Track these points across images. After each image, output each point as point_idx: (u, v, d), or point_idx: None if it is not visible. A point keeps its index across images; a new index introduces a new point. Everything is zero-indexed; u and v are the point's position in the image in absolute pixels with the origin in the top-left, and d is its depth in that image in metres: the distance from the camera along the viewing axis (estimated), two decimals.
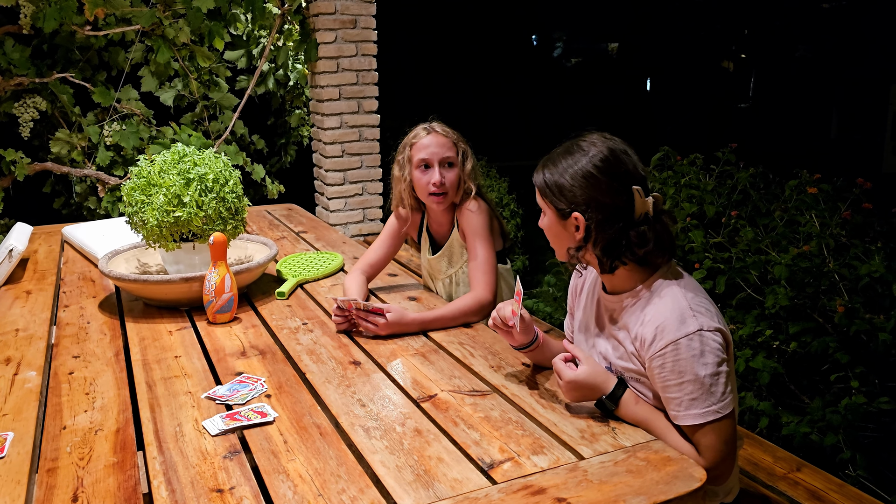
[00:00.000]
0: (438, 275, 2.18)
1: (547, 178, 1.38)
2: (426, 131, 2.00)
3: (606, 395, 1.34)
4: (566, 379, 1.34)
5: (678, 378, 1.27)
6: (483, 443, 1.27)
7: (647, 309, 1.33)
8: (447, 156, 1.97)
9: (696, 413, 1.26)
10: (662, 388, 1.30)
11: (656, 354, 1.28)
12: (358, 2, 3.92)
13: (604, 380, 1.35)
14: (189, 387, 1.52)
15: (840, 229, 2.44)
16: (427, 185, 1.98)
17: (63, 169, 3.71)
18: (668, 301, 1.31)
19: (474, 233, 1.98)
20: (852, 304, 2.13)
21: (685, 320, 1.27)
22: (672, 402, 1.29)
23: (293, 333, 1.82)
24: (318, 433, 1.31)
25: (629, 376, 1.38)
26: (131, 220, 2.00)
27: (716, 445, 1.28)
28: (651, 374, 1.31)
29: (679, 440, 1.31)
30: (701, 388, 1.26)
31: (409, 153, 2.01)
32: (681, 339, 1.26)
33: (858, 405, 2.08)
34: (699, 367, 1.25)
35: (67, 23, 3.46)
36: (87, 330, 1.88)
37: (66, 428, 1.36)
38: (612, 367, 1.42)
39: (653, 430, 1.32)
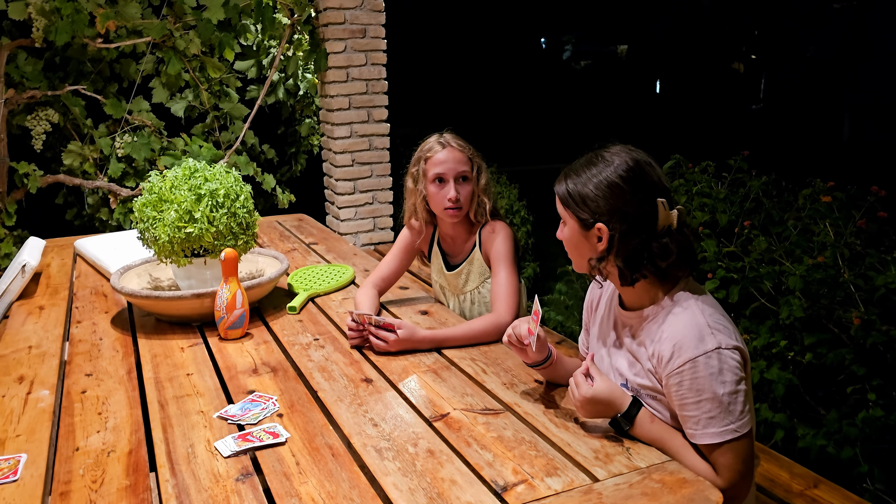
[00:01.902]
0: (454, 290, 2.17)
1: (570, 187, 1.36)
2: (441, 145, 1.99)
3: (621, 413, 1.33)
4: (583, 394, 1.32)
5: (696, 396, 1.25)
6: (496, 464, 1.26)
7: (664, 326, 1.32)
8: (462, 170, 1.97)
9: (714, 432, 1.25)
10: (680, 407, 1.29)
11: (674, 372, 1.27)
12: (367, 11, 3.92)
13: (619, 396, 1.33)
14: (201, 406, 1.52)
15: (855, 238, 2.42)
16: (443, 200, 1.97)
17: (75, 181, 3.73)
18: (686, 318, 1.30)
19: (500, 256, 1.97)
20: (868, 315, 2.10)
21: (703, 338, 1.26)
22: (689, 420, 1.28)
23: (305, 349, 1.81)
24: (330, 454, 1.31)
25: (645, 393, 1.37)
26: (143, 235, 2.00)
27: (733, 465, 1.26)
28: (668, 392, 1.30)
29: (696, 459, 1.30)
30: (719, 407, 1.24)
31: (423, 167, 2.00)
32: (699, 357, 1.25)
33: (876, 418, 2.05)
34: (717, 386, 1.24)
35: (79, 36, 3.48)
36: (100, 346, 1.88)
37: (79, 449, 1.36)
38: (629, 384, 1.40)
39: (668, 450, 1.31)
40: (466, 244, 2.11)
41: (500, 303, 1.91)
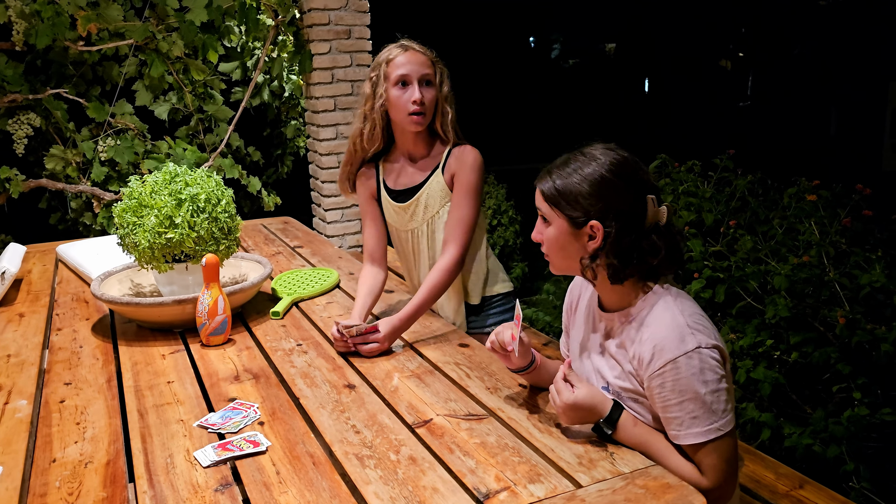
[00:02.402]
0: (409, 223, 2.04)
1: (558, 185, 1.32)
2: (403, 48, 1.89)
3: (604, 418, 1.31)
4: (564, 401, 1.31)
5: (679, 397, 1.24)
6: (479, 471, 1.25)
7: (643, 327, 1.31)
8: (426, 73, 1.88)
9: (698, 431, 1.24)
10: (662, 409, 1.28)
11: (655, 374, 1.26)
12: (352, 12, 3.90)
13: (601, 401, 1.32)
14: (181, 414, 1.50)
15: (840, 237, 2.42)
16: (406, 104, 1.86)
17: (58, 185, 3.70)
18: (666, 319, 1.28)
19: (471, 187, 1.90)
20: (853, 314, 2.10)
21: (684, 338, 1.25)
22: (673, 421, 1.27)
23: (287, 355, 1.79)
24: (311, 463, 1.29)
25: (627, 396, 1.35)
26: (123, 241, 1.98)
27: (718, 465, 1.26)
28: (650, 394, 1.29)
29: (680, 461, 1.29)
30: (702, 407, 1.24)
31: (385, 70, 1.89)
32: (679, 357, 1.23)
33: (861, 417, 2.06)
34: (699, 385, 1.23)
35: (60, 38, 3.45)
36: (80, 354, 1.86)
37: (56, 461, 1.34)
38: (610, 387, 1.39)
39: (652, 453, 1.30)
40: (426, 163, 1.99)
41: (452, 240, 1.88)
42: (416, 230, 2.04)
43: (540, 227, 1.39)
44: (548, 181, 1.35)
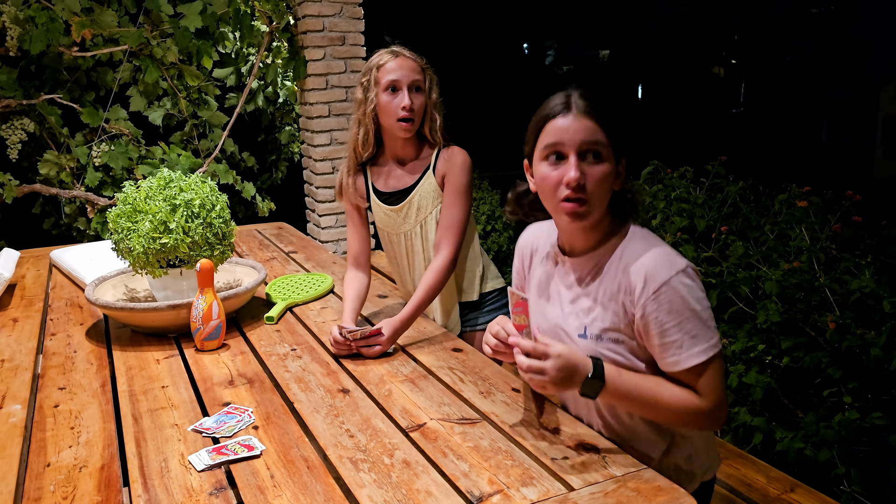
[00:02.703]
0: (402, 226, 2.05)
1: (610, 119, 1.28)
2: (394, 54, 1.91)
3: (590, 373, 1.24)
4: (553, 364, 1.20)
5: (677, 318, 1.24)
6: (472, 474, 1.25)
7: (624, 261, 1.31)
8: (416, 79, 1.90)
9: (699, 350, 1.25)
10: (660, 335, 1.26)
11: (650, 299, 1.25)
12: (346, 19, 3.92)
13: (581, 357, 1.25)
14: (176, 419, 1.50)
15: (830, 242, 2.44)
16: (396, 109, 1.88)
17: (52, 190, 3.70)
18: (648, 249, 1.29)
19: (461, 187, 1.93)
20: (843, 319, 2.12)
21: (672, 261, 1.27)
22: (672, 346, 1.26)
23: (282, 360, 1.80)
24: (305, 467, 1.30)
25: (607, 337, 1.32)
26: (117, 247, 1.98)
27: (716, 384, 1.26)
28: (645, 324, 1.27)
29: (674, 391, 1.28)
30: (700, 324, 1.25)
31: (375, 75, 1.91)
32: (672, 278, 1.25)
33: (852, 421, 2.07)
34: (694, 303, 1.24)
35: (54, 44, 3.45)
36: (74, 359, 1.86)
37: (51, 465, 1.34)
38: (587, 332, 1.35)
39: (644, 393, 1.27)
40: (415, 165, 2.01)
41: (446, 240, 1.91)
42: (409, 232, 2.05)
43: (583, 167, 1.28)
44: (603, 113, 1.29)
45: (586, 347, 1.33)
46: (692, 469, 1.40)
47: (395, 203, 2.03)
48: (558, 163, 1.29)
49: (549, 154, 1.29)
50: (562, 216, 1.31)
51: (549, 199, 1.32)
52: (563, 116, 1.28)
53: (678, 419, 1.30)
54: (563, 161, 1.28)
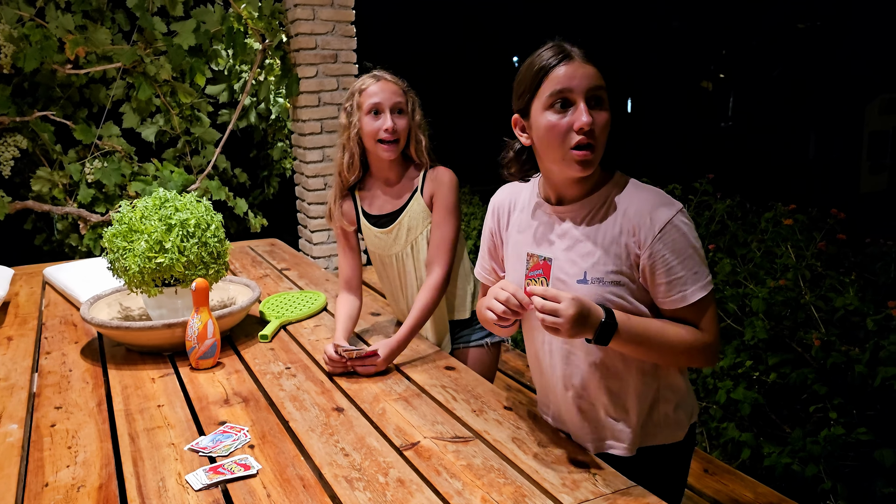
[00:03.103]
0: (393, 248, 2.07)
1: (607, 67, 1.32)
2: (376, 78, 1.95)
3: (604, 318, 1.25)
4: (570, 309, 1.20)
5: (681, 255, 1.29)
6: (465, 492, 1.28)
7: (623, 204, 1.34)
8: (398, 101, 1.93)
9: (701, 285, 1.30)
10: (666, 272, 1.29)
11: (657, 238, 1.28)
12: (339, 37, 3.96)
13: (590, 303, 1.25)
14: (172, 438, 1.52)
15: (815, 260, 2.49)
16: (378, 132, 1.91)
17: (44, 207, 3.71)
18: (644, 192, 1.34)
19: (450, 206, 1.96)
20: (828, 336, 2.16)
21: (670, 201, 1.32)
22: (677, 283, 1.29)
23: (276, 378, 1.82)
24: (301, 486, 1.32)
25: (608, 280, 1.33)
26: (113, 266, 2.00)
27: (714, 318, 1.32)
28: (653, 263, 1.30)
29: (679, 330, 1.31)
30: (699, 261, 1.30)
31: (358, 99, 1.95)
32: (674, 217, 1.29)
33: (837, 436, 2.11)
34: (693, 240, 1.30)
35: (48, 62, 3.47)
36: (70, 378, 1.87)
37: (49, 485, 1.35)
38: (587, 276, 1.35)
39: (652, 336, 1.30)
40: (402, 187, 2.03)
41: (438, 259, 1.94)
42: (399, 253, 2.08)
43: (585, 113, 1.29)
44: (602, 63, 1.33)
45: (588, 293, 1.32)
46: (680, 417, 1.44)
47: (385, 225, 2.06)
48: (564, 110, 1.30)
49: (555, 102, 1.30)
50: (571, 164, 1.31)
51: (557, 147, 1.31)
52: (566, 64, 1.30)
53: (684, 357, 1.34)
54: (569, 108, 1.30)
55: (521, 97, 1.38)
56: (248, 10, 3.90)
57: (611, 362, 1.38)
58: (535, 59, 1.35)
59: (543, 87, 1.32)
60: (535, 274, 1.29)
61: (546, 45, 1.36)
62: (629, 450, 1.41)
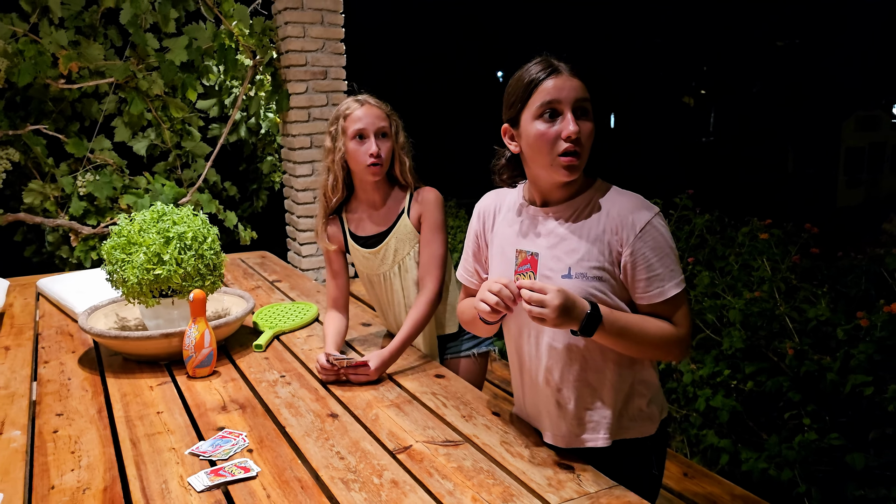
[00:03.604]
0: (381, 267, 2.13)
1: (593, 80, 1.44)
2: (360, 103, 2.01)
3: (589, 310, 1.34)
4: (557, 299, 1.29)
5: (659, 253, 1.39)
6: (456, 493, 1.35)
7: (605, 206, 1.44)
8: (382, 125, 1.99)
9: (676, 282, 1.40)
10: (647, 269, 1.39)
11: (637, 236, 1.38)
12: (328, 54, 4.04)
13: (574, 295, 1.34)
14: (172, 443, 1.57)
15: (790, 273, 2.59)
16: (364, 156, 1.97)
17: (36, 219, 3.74)
18: (624, 195, 1.45)
19: (437, 224, 2.03)
20: (802, 346, 2.25)
21: (648, 205, 1.42)
22: (656, 280, 1.39)
23: (272, 386, 1.88)
24: (299, 487, 1.38)
25: (591, 275, 1.42)
26: (111, 277, 2.06)
27: (686, 311, 1.43)
28: (633, 260, 1.39)
29: (657, 323, 1.41)
30: (675, 259, 1.41)
31: (343, 124, 2.00)
32: (653, 218, 1.40)
33: (811, 441, 2.19)
34: (670, 240, 1.41)
35: (42, 76, 3.52)
36: (69, 386, 1.92)
37: (55, 488, 1.40)
38: (571, 272, 1.43)
39: (633, 329, 1.39)
40: (389, 209, 2.09)
41: (429, 276, 2.00)
42: (387, 273, 2.14)
43: (572, 123, 1.39)
44: (587, 77, 1.44)
45: (572, 287, 1.41)
46: (653, 411, 1.53)
47: (373, 246, 2.12)
48: (552, 120, 1.40)
49: (544, 112, 1.41)
50: (558, 170, 1.41)
51: (546, 154, 1.41)
52: (554, 78, 1.41)
53: (660, 350, 1.43)
54: (557, 118, 1.40)
55: (511, 108, 1.48)
56: (240, 28, 3.98)
57: (590, 356, 1.46)
58: (525, 73, 1.45)
59: (533, 98, 1.42)
60: (524, 269, 1.38)
61: (535, 60, 1.46)
62: (605, 441, 1.49)
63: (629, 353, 1.45)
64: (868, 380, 2.03)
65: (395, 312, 2.17)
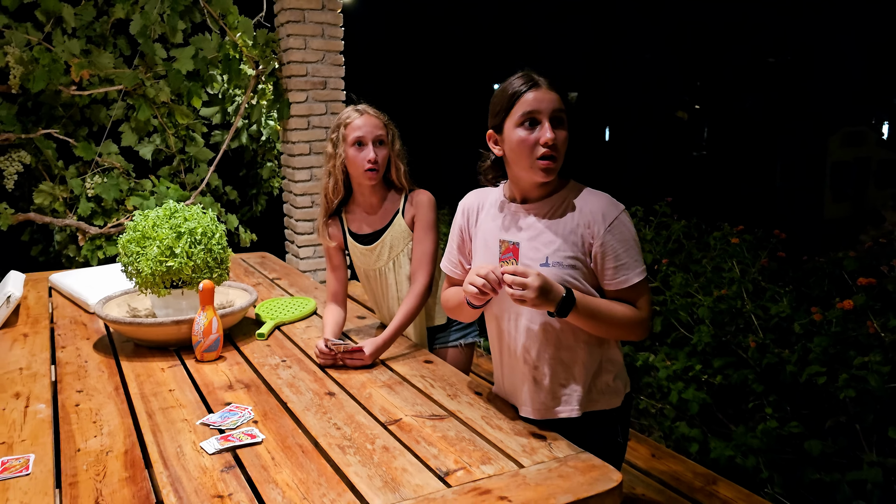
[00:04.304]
0: (376, 263, 2.30)
1: (564, 97, 1.65)
2: (359, 112, 2.19)
3: (564, 294, 1.52)
4: (536, 283, 1.47)
5: (626, 245, 1.58)
6: (441, 456, 1.51)
7: (579, 203, 1.63)
8: (379, 134, 2.17)
9: (639, 271, 1.59)
10: (614, 258, 1.58)
11: (607, 230, 1.58)
12: (328, 65, 4.23)
13: (552, 281, 1.52)
14: (185, 415, 1.74)
15: (759, 275, 2.76)
16: (363, 162, 2.15)
17: (45, 219, 3.91)
18: (596, 195, 1.64)
19: (429, 224, 2.21)
20: (764, 340, 2.43)
21: (616, 203, 1.62)
22: (622, 268, 1.58)
23: (274, 369, 2.05)
24: (300, 451, 1.55)
25: (566, 263, 1.60)
26: (126, 269, 2.22)
27: (648, 297, 1.62)
28: (602, 251, 1.58)
29: (622, 307, 1.60)
30: (638, 251, 1.61)
31: (343, 132, 2.18)
32: (620, 214, 1.60)
33: (772, 429, 2.37)
34: (634, 234, 1.61)
35: (54, 83, 3.69)
36: (86, 368, 2.08)
37: (80, 450, 1.57)
38: (549, 260, 1.61)
39: (602, 311, 1.57)
40: (385, 210, 2.26)
41: (420, 271, 2.18)
42: (382, 268, 2.32)
43: (550, 131, 1.58)
44: (563, 90, 1.65)
45: (549, 274, 1.58)
46: (618, 385, 1.71)
47: (370, 243, 2.30)
48: (532, 128, 1.60)
49: (525, 121, 1.60)
50: (536, 171, 1.60)
51: (525, 158, 1.60)
52: (535, 90, 1.61)
53: (625, 330, 1.61)
54: (536, 126, 1.60)
55: (495, 116, 1.68)
56: (244, 39, 4.16)
57: (563, 336, 1.64)
58: (508, 85, 1.66)
59: (515, 108, 1.62)
60: (507, 257, 1.57)
61: (517, 74, 1.66)
62: (577, 412, 1.66)
63: (598, 333, 1.63)
64: (822, 370, 2.21)
65: (389, 304, 2.34)
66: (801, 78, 15.76)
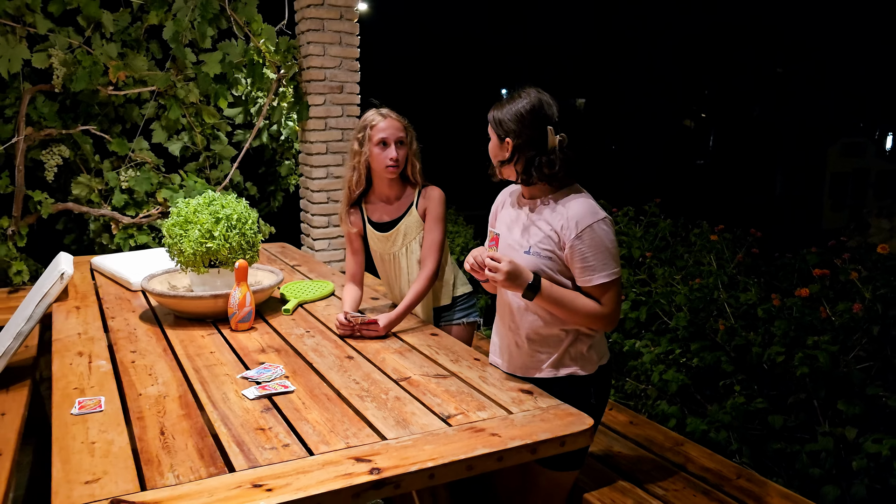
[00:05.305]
0: (391, 248, 2.60)
1: (495, 114, 1.95)
2: (382, 116, 2.49)
3: (530, 282, 1.83)
4: (507, 268, 1.78)
5: (595, 250, 1.83)
6: (444, 405, 1.81)
7: (562, 208, 1.88)
8: (400, 136, 2.48)
9: (606, 273, 1.84)
10: (581, 260, 1.83)
11: (576, 236, 1.83)
12: (345, 71, 4.53)
13: (524, 269, 1.83)
14: (226, 371, 2.04)
15: (734, 269, 3.05)
16: (385, 160, 2.44)
17: (82, 208, 4.22)
18: (580, 201, 1.88)
19: (438, 217, 2.52)
20: (734, 325, 2.72)
21: (596, 211, 1.86)
22: (588, 269, 1.84)
23: (300, 338, 2.35)
24: (326, 399, 1.85)
25: (544, 255, 1.88)
26: (170, 249, 2.53)
27: (613, 299, 1.87)
28: (571, 252, 1.85)
29: (585, 300, 1.87)
30: (609, 256, 1.84)
31: (368, 133, 2.48)
32: (595, 223, 1.84)
33: (740, 405, 2.65)
34: (608, 242, 1.84)
35: (93, 83, 4.01)
36: (136, 334, 2.39)
37: (142, 395, 1.87)
38: (531, 249, 1.90)
39: (565, 299, 1.85)
40: (401, 202, 2.56)
41: (429, 257, 2.48)
42: (396, 253, 2.62)
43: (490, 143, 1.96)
44: (492, 112, 1.94)
45: (529, 261, 1.88)
46: (591, 355, 1.98)
47: (386, 230, 2.61)
48: None
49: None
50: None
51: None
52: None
53: (584, 320, 1.88)
54: None
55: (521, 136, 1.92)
56: (267, 45, 4.48)
57: (544, 314, 1.93)
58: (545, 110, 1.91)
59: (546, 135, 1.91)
60: (491, 244, 1.92)
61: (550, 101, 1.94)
62: (550, 374, 1.96)
63: (562, 317, 1.91)
64: (781, 350, 2.49)
65: (401, 285, 2.63)
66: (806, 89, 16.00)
